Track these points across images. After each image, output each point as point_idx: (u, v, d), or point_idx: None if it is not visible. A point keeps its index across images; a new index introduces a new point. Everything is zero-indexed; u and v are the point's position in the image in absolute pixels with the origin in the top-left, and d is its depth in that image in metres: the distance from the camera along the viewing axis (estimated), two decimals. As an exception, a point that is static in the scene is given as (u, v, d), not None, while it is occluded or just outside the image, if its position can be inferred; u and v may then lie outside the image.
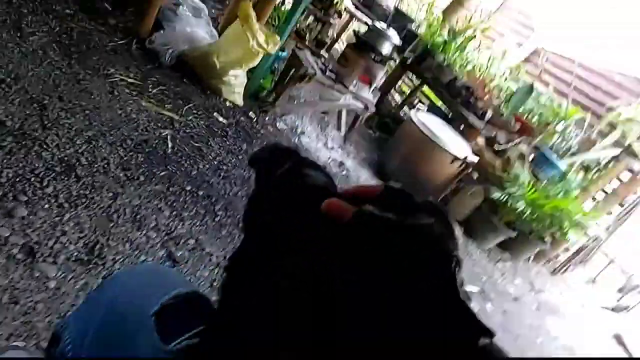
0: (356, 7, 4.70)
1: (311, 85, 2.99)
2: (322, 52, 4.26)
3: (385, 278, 0.38)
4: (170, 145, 2.03)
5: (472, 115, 3.87)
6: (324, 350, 0.41)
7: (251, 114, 2.78)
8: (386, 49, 3.09)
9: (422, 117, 3.58)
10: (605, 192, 4.50)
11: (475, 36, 4.65)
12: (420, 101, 5.45)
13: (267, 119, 2.87)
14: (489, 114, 4.04)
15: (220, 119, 2.50)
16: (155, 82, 2.34)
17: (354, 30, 4.22)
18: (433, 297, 0.38)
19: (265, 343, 0.47)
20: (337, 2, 4.33)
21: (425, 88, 5.09)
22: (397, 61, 4.49)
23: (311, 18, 4.44)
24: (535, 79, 5.25)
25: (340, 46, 5.05)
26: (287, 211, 0.49)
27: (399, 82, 5.28)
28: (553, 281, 4.28)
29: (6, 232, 1.25)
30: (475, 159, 3.59)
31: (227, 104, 2.67)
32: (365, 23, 4.57)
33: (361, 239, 0.40)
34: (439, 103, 4.67)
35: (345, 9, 4.56)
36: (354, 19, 4.86)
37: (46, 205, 1.39)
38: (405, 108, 5.22)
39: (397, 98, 5.53)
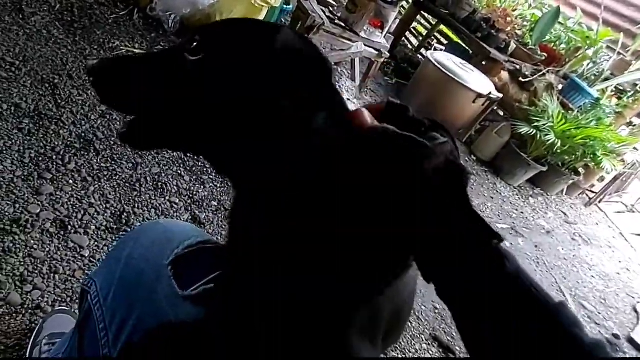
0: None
1: (320, 37, 2.90)
2: None
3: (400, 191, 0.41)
4: (183, 111, 2.03)
5: (493, 49, 3.67)
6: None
7: (262, 72, 2.73)
8: (395, -13, 2.93)
9: (440, 57, 3.43)
10: (643, 116, 4.26)
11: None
12: (438, 42, 5.20)
13: (278, 76, 2.82)
14: (512, 46, 3.83)
15: (231, 80, 2.47)
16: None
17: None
18: (448, 205, 0.41)
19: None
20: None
21: (443, 27, 4.85)
22: (410, 1, 4.27)
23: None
24: (562, 2, 4.88)
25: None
26: None
27: (414, 24, 5.03)
28: (588, 212, 4.17)
29: (37, 209, 1.31)
30: (500, 95, 3.44)
31: (237, 65, 2.63)
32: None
33: (377, 152, 0.42)
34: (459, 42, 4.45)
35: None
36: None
37: (70, 181, 1.44)
38: (423, 51, 5.01)
39: (414, 41, 5.30)
